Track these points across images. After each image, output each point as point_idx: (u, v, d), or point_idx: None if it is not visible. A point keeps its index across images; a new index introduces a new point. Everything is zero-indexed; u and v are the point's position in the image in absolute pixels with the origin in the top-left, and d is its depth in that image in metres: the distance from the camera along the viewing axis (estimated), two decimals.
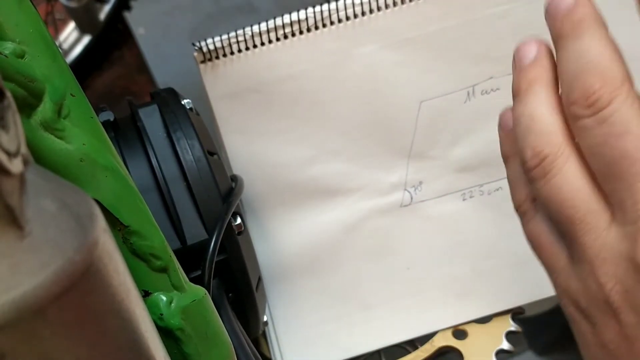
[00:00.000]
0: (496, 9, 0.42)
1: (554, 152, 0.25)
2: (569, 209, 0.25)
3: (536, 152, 0.25)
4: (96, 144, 0.23)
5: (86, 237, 0.15)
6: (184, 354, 0.25)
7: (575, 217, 0.25)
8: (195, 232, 0.35)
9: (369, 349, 0.46)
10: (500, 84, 0.44)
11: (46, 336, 0.14)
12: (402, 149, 0.45)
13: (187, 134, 0.37)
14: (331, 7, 0.42)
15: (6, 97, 0.16)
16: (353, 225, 0.46)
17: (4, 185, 0.14)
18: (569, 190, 0.25)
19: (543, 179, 0.25)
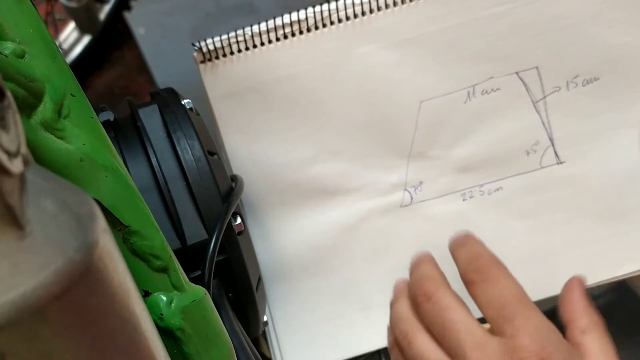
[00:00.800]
0: (496, 9, 0.42)
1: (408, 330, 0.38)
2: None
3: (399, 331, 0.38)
4: (96, 144, 0.23)
5: (86, 237, 0.15)
6: (184, 354, 0.25)
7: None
8: (195, 232, 0.35)
9: (369, 349, 0.46)
10: (500, 84, 0.44)
11: (46, 336, 0.14)
12: (402, 149, 0.45)
13: (187, 134, 0.37)
14: (331, 7, 0.42)
15: (6, 97, 0.16)
16: (353, 225, 0.46)
17: (4, 185, 0.14)
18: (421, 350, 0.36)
19: (407, 346, 0.37)
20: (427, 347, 0.37)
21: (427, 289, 0.37)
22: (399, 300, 0.40)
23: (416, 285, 0.38)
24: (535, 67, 0.44)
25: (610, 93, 0.45)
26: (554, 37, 0.43)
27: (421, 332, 0.37)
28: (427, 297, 0.37)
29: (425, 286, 0.38)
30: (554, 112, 0.45)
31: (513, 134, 0.45)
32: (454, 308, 0.36)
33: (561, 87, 0.44)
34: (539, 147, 0.45)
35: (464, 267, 0.38)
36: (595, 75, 0.44)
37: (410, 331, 0.38)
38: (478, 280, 0.37)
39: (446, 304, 0.36)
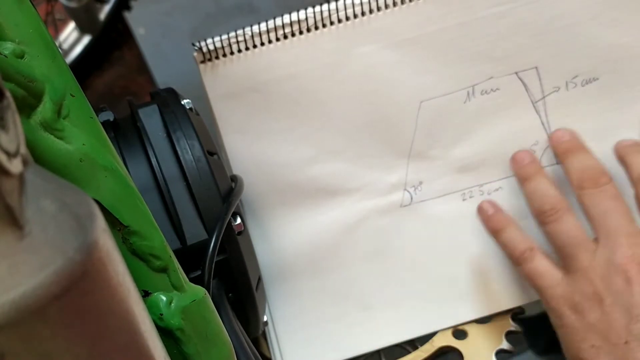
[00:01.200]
0: (496, 9, 0.42)
1: (559, 207, 0.40)
2: (571, 238, 0.39)
3: (550, 205, 0.40)
4: (96, 144, 0.23)
5: (86, 237, 0.15)
6: (184, 354, 0.25)
7: (577, 242, 0.38)
8: (195, 232, 0.35)
9: (369, 349, 0.46)
10: (500, 84, 0.44)
11: (46, 336, 0.14)
12: (402, 149, 0.45)
13: (187, 134, 0.37)
14: (331, 7, 0.42)
15: (6, 97, 0.16)
16: (353, 225, 0.46)
17: (4, 185, 0.14)
18: (570, 227, 0.39)
19: (554, 221, 0.40)
20: (577, 226, 0.39)
21: (597, 178, 0.40)
22: (538, 176, 0.42)
23: (584, 172, 0.41)
24: (535, 67, 0.44)
25: (609, 93, 0.45)
26: (553, 37, 0.43)
27: (571, 212, 0.40)
28: (597, 185, 0.40)
29: (595, 175, 0.40)
30: (554, 112, 0.45)
31: (512, 134, 0.45)
32: (620, 200, 0.39)
33: (560, 87, 0.44)
34: (538, 147, 0.45)
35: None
36: (594, 75, 0.44)
37: (563, 208, 0.40)
38: None
39: (614, 194, 0.39)
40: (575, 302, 0.37)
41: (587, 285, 0.37)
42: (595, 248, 0.38)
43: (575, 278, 0.38)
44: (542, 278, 0.39)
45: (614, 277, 0.36)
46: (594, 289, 0.36)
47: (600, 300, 0.36)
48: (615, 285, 0.36)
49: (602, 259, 0.37)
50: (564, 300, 0.38)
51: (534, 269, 0.40)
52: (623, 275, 0.36)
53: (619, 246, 0.37)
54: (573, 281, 0.38)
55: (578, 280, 0.37)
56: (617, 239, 0.37)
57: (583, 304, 0.37)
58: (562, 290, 0.38)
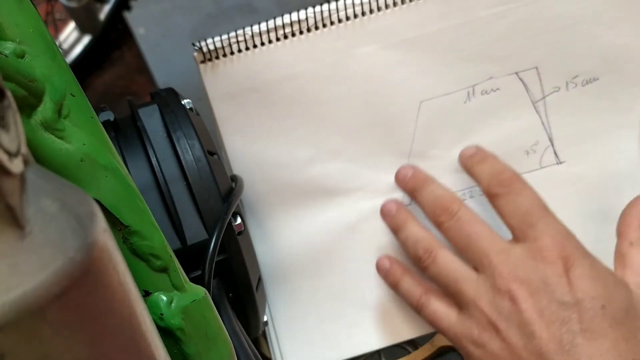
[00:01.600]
0: (496, 9, 0.42)
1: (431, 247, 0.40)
2: (450, 274, 0.39)
3: (423, 249, 0.40)
4: (96, 144, 0.23)
5: (86, 237, 0.15)
6: (184, 354, 0.25)
7: (456, 277, 0.38)
8: (195, 232, 0.35)
9: (369, 349, 0.46)
10: (500, 84, 0.44)
11: (46, 336, 0.14)
12: (402, 149, 0.45)
13: (187, 134, 0.37)
14: (331, 7, 0.42)
15: (6, 97, 0.16)
16: (353, 225, 0.46)
17: (4, 185, 0.14)
18: (446, 264, 0.39)
19: (431, 263, 0.40)
20: (452, 260, 0.39)
21: (448, 207, 0.40)
22: (408, 223, 0.42)
23: (434, 205, 0.41)
24: (535, 68, 0.44)
25: (610, 93, 0.45)
26: (553, 37, 0.43)
27: (444, 248, 0.40)
28: (451, 214, 0.40)
29: (446, 204, 0.40)
30: (554, 112, 0.45)
31: (513, 134, 0.45)
32: (476, 221, 0.39)
33: (561, 87, 0.44)
34: (538, 147, 0.45)
35: (487, 181, 0.40)
36: (594, 76, 0.44)
37: (434, 249, 0.40)
38: (503, 193, 0.39)
39: (469, 218, 0.39)
40: (475, 337, 0.37)
41: (480, 317, 0.37)
42: (476, 277, 0.38)
43: (468, 313, 0.38)
44: (441, 321, 0.39)
45: (500, 300, 0.36)
46: (486, 318, 0.36)
47: (496, 328, 0.36)
48: (504, 308, 0.36)
49: (485, 287, 0.37)
50: (465, 337, 0.38)
51: (432, 314, 0.40)
52: (507, 296, 0.36)
53: (494, 268, 0.37)
54: (468, 316, 0.38)
55: (472, 314, 0.37)
56: (490, 262, 0.37)
57: (482, 336, 0.37)
58: (461, 328, 0.38)
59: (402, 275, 0.42)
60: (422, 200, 0.42)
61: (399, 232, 0.43)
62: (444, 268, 0.39)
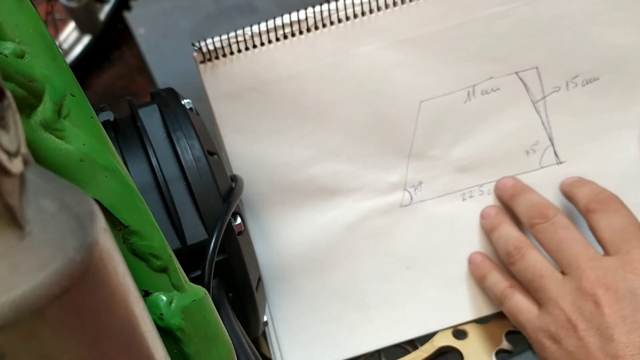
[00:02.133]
0: (496, 9, 0.42)
1: (522, 245, 0.42)
2: (536, 272, 0.40)
3: (513, 246, 0.42)
4: (96, 144, 0.23)
5: (86, 237, 0.15)
6: (184, 354, 0.25)
7: (542, 274, 0.40)
8: (195, 232, 0.35)
9: (369, 349, 0.46)
10: (500, 84, 0.44)
11: (46, 336, 0.14)
12: (402, 149, 0.45)
13: (187, 134, 0.37)
14: (331, 7, 0.42)
15: (6, 97, 0.16)
16: (353, 225, 0.46)
17: (4, 185, 0.14)
18: (534, 262, 0.41)
19: (519, 259, 0.42)
20: (540, 259, 0.41)
21: (545, 212, 0.42)
22: (503, 225, 0.44)
23: (532, 209, 0.43)
24: (535, 67, 0.44)
25: (610, 93, 0.45)
26: (554, 37, 0.43)
27: (534, 247, 0.42)
28: (547, 218, 0.42)
29: (543, 209, 0.42)
30: (554, 112, 0.45)
31: (513, 134, 0.45)
32: (571, 228, 0.41)
33: (561, 87, 0.44)
34: (538, 147, 0.45)
35: (587, 199, 0.42)
36: (595, 75, 0.44)
37: (525, 246, 0.42)
38: (601, 209, 0.41)
39: (564, 224, 0.41)
40: (552, 332, 0.38)
41: (560, 315, 0.38)
42: (561, 278, 0.39)
43: (548, 310, 0.39)
44: (521, 314, 0.41)
45: (583, 302, 0.37)
46: (566, 317, 0.38)
47: (574, 327, 0.37)
48: (586, 310, 0.37)
49: (570, 287, 0.38)
50: (542, 332, 0.39)
51: (514, 307, 0.41)
52: (591, 299, 0.37)
53: (582, 271, 0.38)
54: (547, 313, 0.39)
55: (551, 311, 0.39)
56: (579, 266, 0.38)
57: (559, 333, 0.38)
58: (539, 322, 0.39)
59: (491, 269, 0.44)
60: (519, 205, 0.44)
61: (493, 231, 0.44)
62: (532, 265, 0.41)
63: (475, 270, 0.45)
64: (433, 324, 0.45)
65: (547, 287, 0.39)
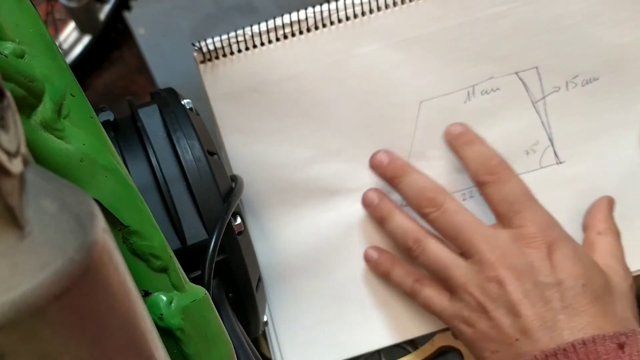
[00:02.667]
0: (496, 9, 0.42)
1: (420, 237, 0.42)
2: (439, 262, 0.41)
3: (412, 239, 0.42)
4: (96, 144, 0.23)
5: (86, 237, 0.15)
6: (184, 354, 0.25)
7: (445, 264, 0.41)
8: (195, 232, 0.35)
9: (369, 349, 0.46)
10: (500, 84, 0.44)
11: (46, 336, 0.14)
12: (402, 149, 0.45)
13: (187, 134, 0.37)
14: (331, 7, 0.42)
15: (6, 97, 0.16)
16: (353, 225, 0.46)
17: (4, 185, 0.14)
18: (435, 252, 0.41)
19: (421, 253, 0.42)
20: (441, 249, 0.41)
21: (433, 198, 0.42)
22: (394, 214, 0.43)
23: (420, 196, 0.42)
24: (535, 67, 0.44)
25: (610, 93, 0.45)
26: (553, 37, 0.43)
27: (432, 238, 0.42)
28: (437, 205, 0.41)
29: (430, 195, 0.42)
30: (554, 112, 0.45)
31: (513, 134, 0.45)
32: (462, 211, 0.41)
33: (561, 87, 0.44)
34: (538, 147, 0.45)
35: (475, 168, 0.42)
36: (594, 75, 0.44)
37: (423, 238, 0.42)
38: (491, 181, 0.41)
39: (455, 209, 0.41)
40: (466, 317, 0.40)
41: (470, 300, 0.39)
42: (465, 264, 0.40)
43: (459, 296, 0.40)
44: (434, 305, 0.42)
45: (488, 284, 0.38)
46: (476, 301, 0.39)
47: (484, 309, 0.39)
48: (492, 291, 0.38)
49: (473, 272, 0.39)
50: (456, 318, 0.40)
51: (425, 300, 0.42)
52: (495, 280, 0.38)
53: (482, 255, 0.39)
54: (458, 300, 0.40)
55: (462, 297, 0.40)
56: (478, 250, 0.39)
57: (472, 317, 0.39)
58: (452, 310, 0.41)
59: (392, 265, 0.44)
60: (405, 190, 0.43)
61: (384, 223, 0.44)
62: (434, 257, 0.41)
63: (376, 268, 0.45)
64: (433, 324, 0.45)
65: (453, 276, 0.40)
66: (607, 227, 0.42)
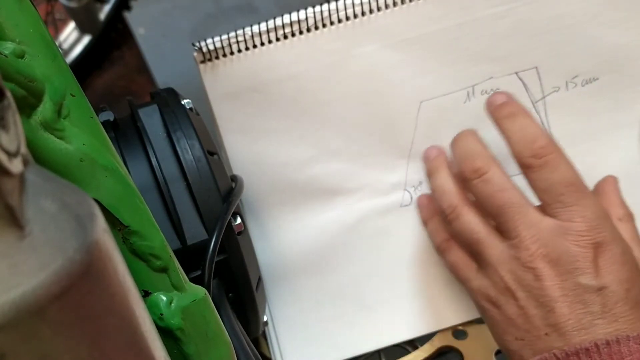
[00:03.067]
0: (496, 9, 0.42)
1: (456, 203, 0.40)
2: (475, 235, 0.39)
3: (447, 203, 0.40)
4: (96, 144, 0.23)
5: (86, 237, 0.15)
6: (184, 354, 0.25)
7: (479, 238, 0.38)
8: (195, 232, 0.35)
9: (369, 349, 0.46)
10: (500, 84, 0.44)
11: (46, 336, 0.14)
12: (402, 149, 0.45)
13: (187, 134, 0.37)
14: (331, 7, 0.42)
15: (6, 97, 0.16)
16: (353, 225, 0.46)
17: (4, 185, 0.14)
18: (470, 224, 0.39)
19: (454, 219, 0.40)
20: (477, 222, 0.39)
21: (479, 166, 0.38)
22: (440, 172, 0.41)
23: (466, 160, 0.39)
24: (535, 67, 0.44)
25: (609, 93, 0.45)
26: (553, 37, 0.43)
27: (470, 207, 0.39)
28: (480, 173, 0.38)
29: (477, 163, 0.39)
30: (554, 112, 0.45)
31: None
32: (508, 188, 0.38)
33: (560, 87, 0.44)
34: None
35: (519, 149, 0.38)
36: (594, 75, 0.44)
37: (460, 205, 0.39)
38: (537, 166, 0.37)
39: (500, 184, 0.38)
40: (492, 297, 0.37)
41: (499, 281, 0.37)
42: (500, 243, 0.37)
43: (487, 273, 0.38)
44: (460, 271, 0.40)
45: (523, 273, 0.36)
46: (504, 284, 0.37)
47: (514, 295, 0.36)
48: (525, 281, 0.36)
49: (508, 256, 0.37)
50: (481, 294, 0.38)
51: (452, 263, 0.41)
52: (531, 272, 0.36)
53: (522, 241, 0.36)
54: (486, 276, 0.38)
55: (490, 275, 0.37)
56: (518, 234, 0.36)
57: (499, 299, 0.37)
58: (478, 284, 0.38)
59: (432, 215, 0.43)
60: (455, 150, 0.41)
61: (430, 178, 0.43)
62: (467, 228, 0.39)
63: (420, 212, 0.45)
64: (433, 324, 0.45)
65: (485, 252, 0.38)
66: (625, 212, 0.40)
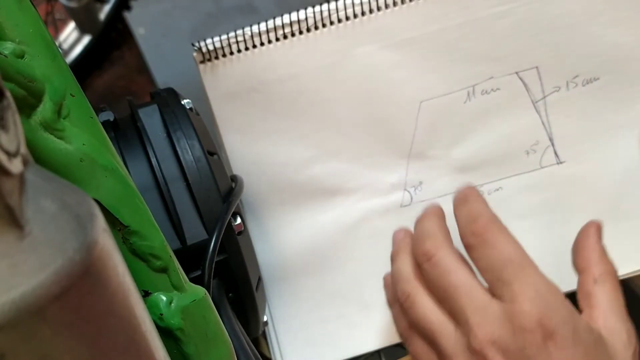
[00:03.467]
0: (496, 9, 0.42)
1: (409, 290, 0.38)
2: (429, 325, 0.36)
3: (401, 291, 0.38)
4: (96, 144, 0.23)
5: (86, 237, 0.15)
6: (184, 354, 0.25)
7: (432, 329, 0.36)
8: (195, 232, 0.35)
9: (369, 349, 0.46)
10: (500, 84, 0.44)
11: (46, 336, 0.14)
12: (402, 149, 0.45)
13: (187, 134, 0.37)
14: (331, 7, 0.42)
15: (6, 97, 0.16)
16: (353, 225, 0.46)
17: (4, 185, 0.14)
18: (424, 312, 0.37)
19: (409, 308, 0.38)
20: (430, 310, 0.37)
21: (427, 249, 0.37)
22: (400, 256, 0.40)
23: (417, 243, 0.38)
24: (535, 67, 0.44)
25: (610, 93, 0.45)
26: (554, 37, 0.43)
27: (423, 295, 0.37)
28: (427, 257, 0.37)
29: (426, 246, 0.37)
30: (554, 112, 0.45)
31: (513, 134, 0.45)
32: (454, 271, 0.36)
33: (561, 87, 0.44)
34: (538, 147, 0.45)
35: (463, 230, 0.36)
36: (595, 75, 0.44)
37: (412, 293, 0.38)
38: (476, 244, 0.35)
39: (447, 267, 0.36)
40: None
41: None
42: (453, 332, 0.36)
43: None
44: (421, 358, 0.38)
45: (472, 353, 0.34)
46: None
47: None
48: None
49: (461, 345, 0.35)
50: None
51: (413, 353, 0.39)
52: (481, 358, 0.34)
53: (470, 328, 0.34)
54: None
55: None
56: (466, 320, 0.34)
57: None
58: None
59: (394, 301, 0.41)
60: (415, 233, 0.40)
61: (392, 263, 0.41)
62: (422, 317, 0.37)
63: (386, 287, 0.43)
64: None
65: (439, 343, 0.36)
66: (604, 270, 0.37)
